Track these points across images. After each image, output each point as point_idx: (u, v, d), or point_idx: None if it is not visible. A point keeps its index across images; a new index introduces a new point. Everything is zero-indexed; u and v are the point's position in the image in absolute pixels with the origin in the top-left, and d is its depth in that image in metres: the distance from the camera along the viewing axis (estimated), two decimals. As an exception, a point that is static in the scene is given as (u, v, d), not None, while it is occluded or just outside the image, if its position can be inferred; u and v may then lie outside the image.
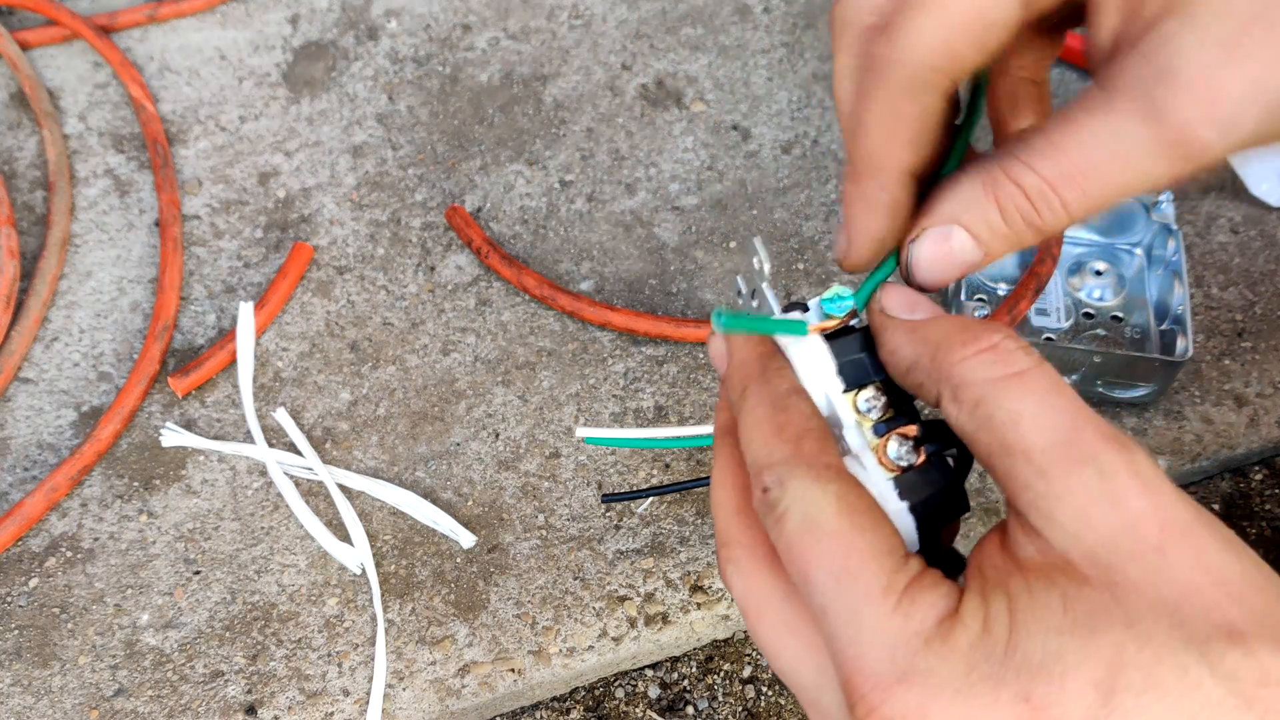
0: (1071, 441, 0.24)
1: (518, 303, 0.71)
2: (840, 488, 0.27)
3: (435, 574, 0.61)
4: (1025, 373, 0.26)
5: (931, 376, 0.27)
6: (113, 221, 0.75)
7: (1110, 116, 0.26)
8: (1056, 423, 0.25)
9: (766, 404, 0.29)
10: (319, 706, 0.57)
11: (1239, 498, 0.66)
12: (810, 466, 0.27)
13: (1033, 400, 0.25)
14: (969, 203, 0.28)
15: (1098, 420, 0.25)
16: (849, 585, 0.26)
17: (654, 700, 0.60)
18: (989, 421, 0.26)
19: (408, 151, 0.78)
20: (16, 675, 0.58)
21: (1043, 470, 0.24)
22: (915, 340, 0.28)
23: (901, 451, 0.29)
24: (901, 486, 0.28)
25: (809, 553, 0.26)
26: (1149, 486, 0.24)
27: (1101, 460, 0.24)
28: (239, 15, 0.85)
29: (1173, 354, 0.62)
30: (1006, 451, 0.25)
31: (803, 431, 0.28)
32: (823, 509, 0.26)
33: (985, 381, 0.26)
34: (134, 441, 0.66)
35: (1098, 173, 0.26)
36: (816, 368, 0.30)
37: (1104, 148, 0.26)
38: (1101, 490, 0.24)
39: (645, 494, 0.61)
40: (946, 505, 0.29)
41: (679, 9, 0.84)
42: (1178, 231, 0.65)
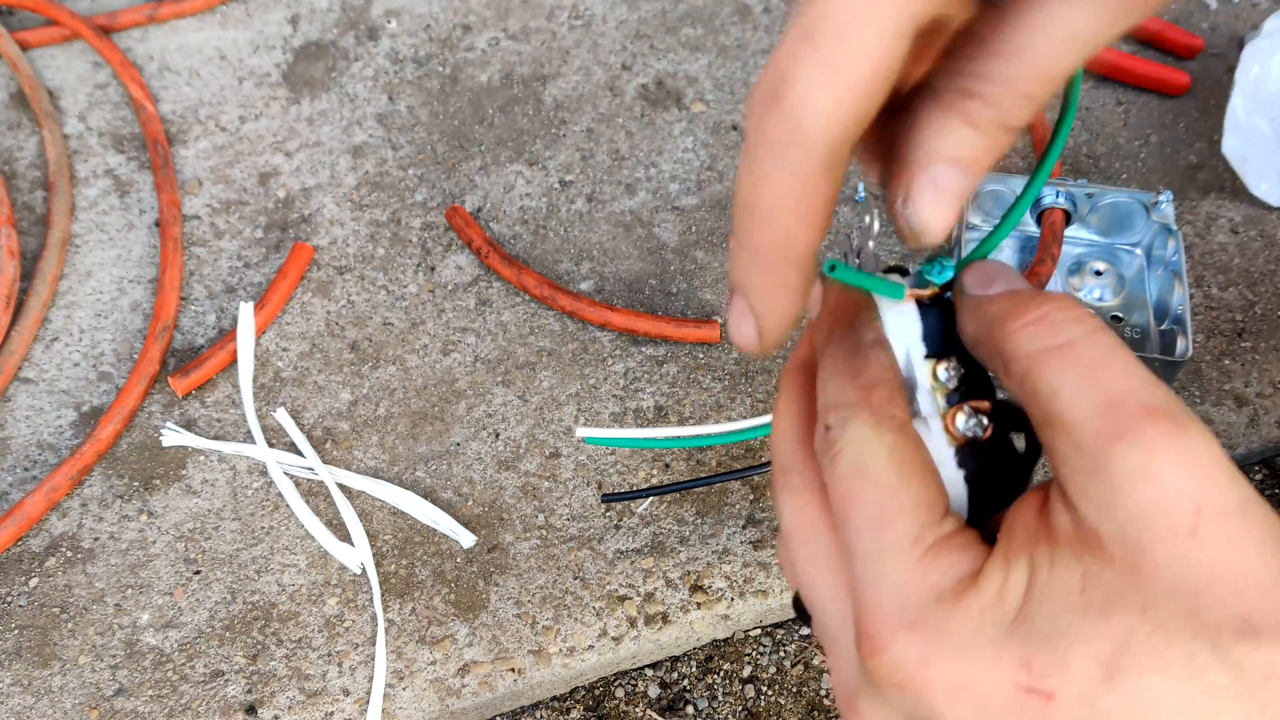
0: (1111, 415, 0.24)
1: (518, 303, 0.71)
2: (898, 439, 0.27)
3: (435, 574, 0.61)
4: (1071, 344, 0.25)
5: (989, 351, 0.27)
6: (113, 221, 0.75)
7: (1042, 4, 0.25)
8: (1097, 395, 0.24)
9: (848, 350, 0.29)
10: (319, 706, 0.57)
11: (1239, 498, 0.66)
12: (874, 413, 0.27)
13: (1075, 372, 0.25)
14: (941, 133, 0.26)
15: (1148, 391, 0.24)
16: (881, 530, 0.26)
17: (654, 700, 0.60)
18: (1034, 395, 0.25)
19: (408, 151, 0.78)
20: (16, 675, 0.58)
21: (1079, 444, 0.24)
22: (977, 317, 0.28)
23: (969, 425, 0.29)
24: (962, 456, 0.28)
25: (852, 494, 0.27)
26: (1192, 466, 0.23)
27: (1141, 435, 0.23)
28: (239, 15, 0.85)
29: (1173, 354, 0.62)
30: (1049, 424, 0.25)
31: (876, 380, 0.28)
32: (876, 455, 0.27)
33: (1030, 354, 0.26)
34: (134, 441, 0.66)
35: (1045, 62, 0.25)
36: (904, 331, 0.30)
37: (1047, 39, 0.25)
38: (1138, 466, 0.23)
39: (645, 494, 0.61)
40: (1004, 485, 0.29)
41: (679, 9, 0.84)
42: (1177, 232, 0.65)
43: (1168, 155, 0.76)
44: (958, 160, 0.27)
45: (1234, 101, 0.72)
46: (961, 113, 0.26)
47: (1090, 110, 0.79)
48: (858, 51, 0.24)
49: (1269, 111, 0.71)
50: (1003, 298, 0.28)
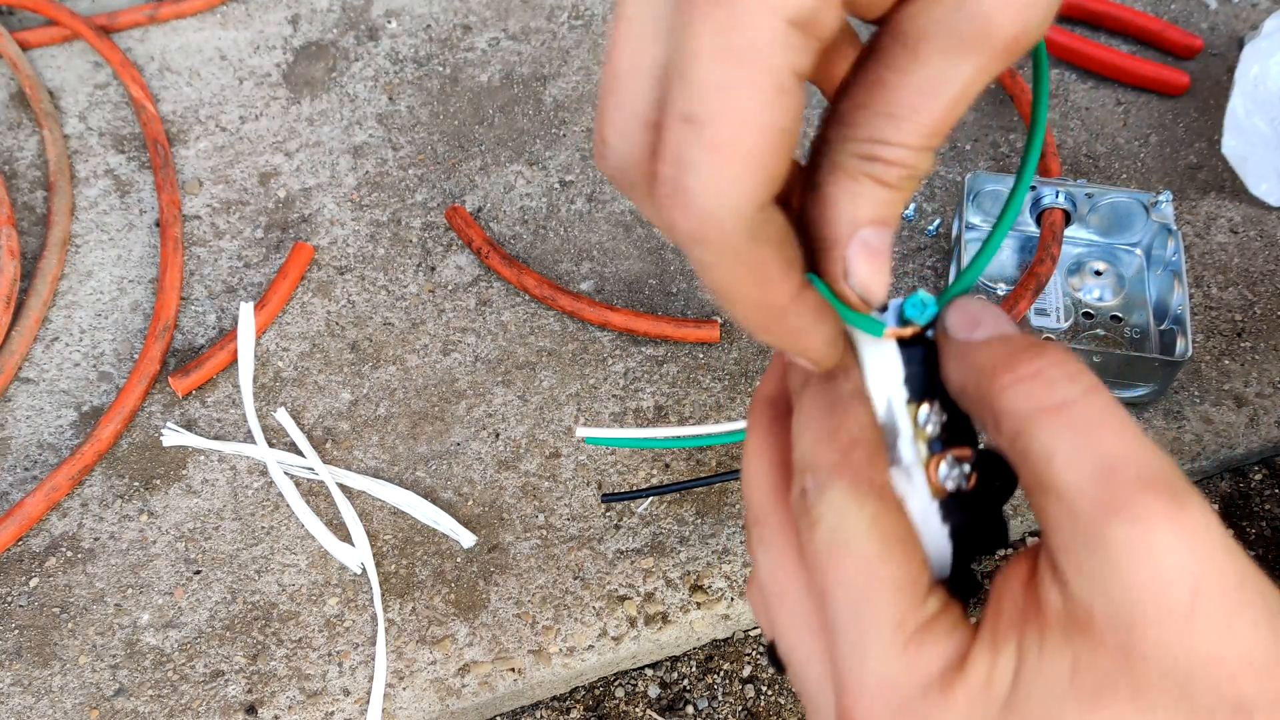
0: (1107, 485, 0.23)
1: (518, 303, 0.71)
2: (878, 509, 0.26)
3: (435, 573, 0.61)
4: (1067, 404, 0.24)
5: (977, 404, 0.26)
6: (113, 221, 0.75)
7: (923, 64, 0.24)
8: (1094, 462, 0.23)
9: (825, 402, 0.28)
10: (319, 706, 0.57)
11: (1239, 498, 0.66)
12: (853, 481, 0.26)
13: (1070, 436, 0.24)
14: (853, 199, 0.26)
15: (1148, 461, 0.23)
16: (864, 612, 0.25)
17: (654, 700, 0.60)
18: (1025, 456, 0.24)
19: (408, 152, 0.78)
20: (17, 675, 0.58)
21: (1074, 514, 0.23)
22: (964, 365, 0.27)
23: (952, 474, 0.28)
24: (945, 509, 0.27)
25: (832, 569, 0.26)
26: (1192, 543, 0.22)
27: (1139, 509, 0.22)
28: (239, 15, 0.85)
29: (1172, 354, 0.62)
30: (1041, 489, 0.24)
31: (855, 441, 0.27)
32: (855, 528, 0.25)
33: (1023, 413, 0.24)
34: (134, 441, 0.66)
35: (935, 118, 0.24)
36: (884, 372, 0.28)
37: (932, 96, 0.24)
38: (1135, 543, 0.22)
39: (645, 494, 0.61)
40: (987, 536, 0.28)
41: (679, 9, 0.84)
42: (1177, 232, 0.65)
43: (1167, 155, 0.76)
44: (878, 219, 0.26)
45: (1234, 101, 0.72)
46: (870, 175, 0.25)
47: (1090, 110, 0.79)
48: (743, 122, 0.22)
49: (1269, 111, 0.71)
50: (992, 346, 0.26)
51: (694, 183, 0.23)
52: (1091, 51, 0.79)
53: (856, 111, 0.25)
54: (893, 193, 0.26)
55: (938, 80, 0.24)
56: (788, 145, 0.23)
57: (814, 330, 0.27)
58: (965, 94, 0.24)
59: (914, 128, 0.25)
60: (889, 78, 0.24)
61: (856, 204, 0.26)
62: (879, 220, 0.26)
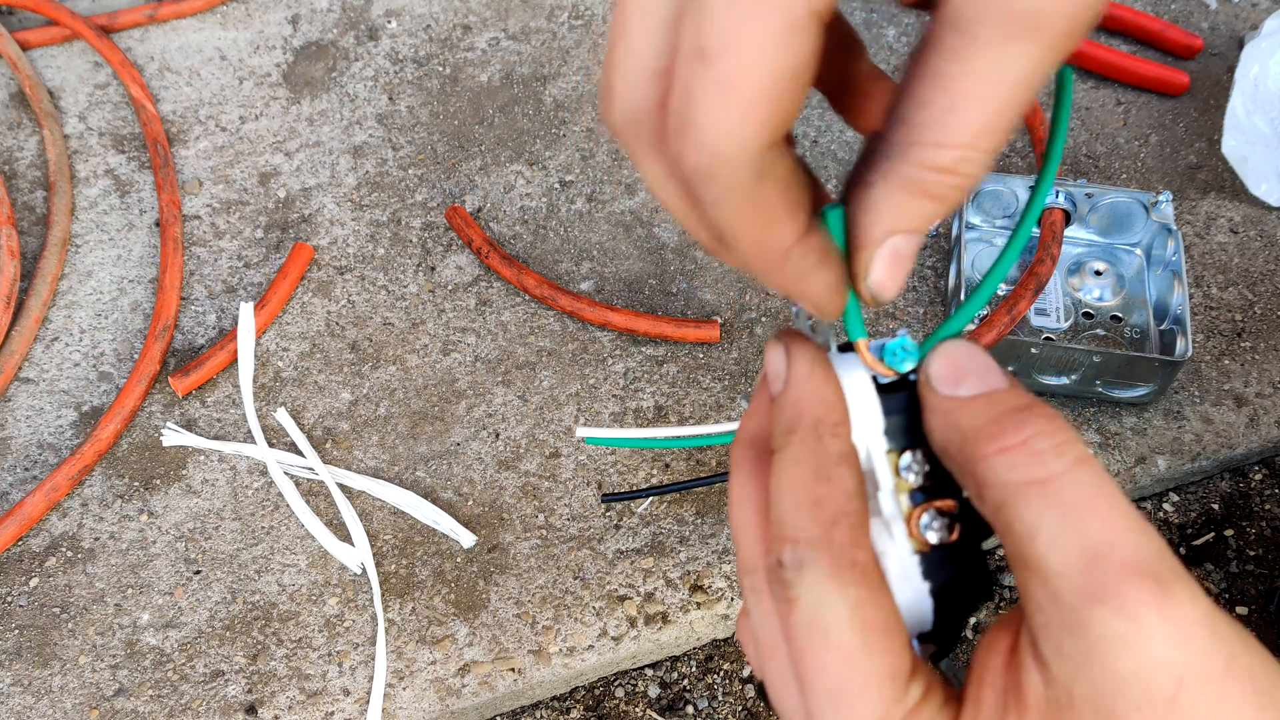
0: (1092, 570, 0.22)
1: (518, 303, 0.71)
2: (860, 594, 0.25)
3: (435, 573, 0.61)
4: (1051, 479, 0.23)
5: (960, 468, 0.25)
6: (113, 221, 0.75)
7: (982, 52, 0.23)
8: (1079, 544, 0.22)
9: (810, 467, 0.26)
10: (319, 706, 0.57)
11: (1239, 497, 0.66)
12: (835, 560, 0.25)
13: (1055, 514, 0.23)
14: (899, 209, 0.25)
15: (1134, 545, 0.22)
16: (845, 708, 0.24)
17: (654, 700, 0.60)
18: (1008, 530, 0.24)
19: (408, 152, 0.78)
20: (17, 675, 0.58)
21: (1056, 597, 0.22)
22: (948, 424, 0.26)
23: (935, 526, 0.27)
24: (927, 565, 0.27)
25: (811, 659, 0.25)
26: (1179, 629, 0.22)
27: (1125, 597, 0.22)
28: (239, 15, 0.85)
29: (1172, 354, 0.62)
30: (1024, 565, 0.23)
31: (839, 514, 0.26)
32: (836, 616, 0.25)
33: (1007, 485, 0.24)
34: (134, 441, 0.66)
35: (1000, 109, 0.23)
36: (864, 420, 0.28)
37: (994, 85, 0.23)
38: (1119, 632, 0.22)
39: (645, 494, 0.61)
40: (970, 592, 0.27)
41: (679, 9, 0.84)
42: (1177, 232, 0.65)
43: (1167, 155, 0.76)
44: (913, 229, 0.26)
45: (1234, 101, 0.72)
46: (918, 186, 0.25)
47: (1090, 110, 0.79)
48: (752, 58, 0.22)
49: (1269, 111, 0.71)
50: (976, 407, 0.25)
51: (702, 117, 0.23)
52: (1092, 51, 0.79)
53: (914, 109, 0.24)
54: (937, 205, 0.25)
55: (998, 66, 0.23)
56: (799, 87, 0.23)
57: (815, 275, 0.26)
58: (1027, 81, 0.23)
59: (973, 120, 0.24)
60: (946, 68, 0.23)
61: (898, 213, 0.25)
62: (915, 230, 0.26)
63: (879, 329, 0.69)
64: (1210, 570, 0.63)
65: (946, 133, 0.24)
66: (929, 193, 0.25)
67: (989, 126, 0.24)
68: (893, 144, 0.25)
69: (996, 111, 0.24)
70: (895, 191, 0.25)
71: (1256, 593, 0.62)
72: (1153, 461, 0.64)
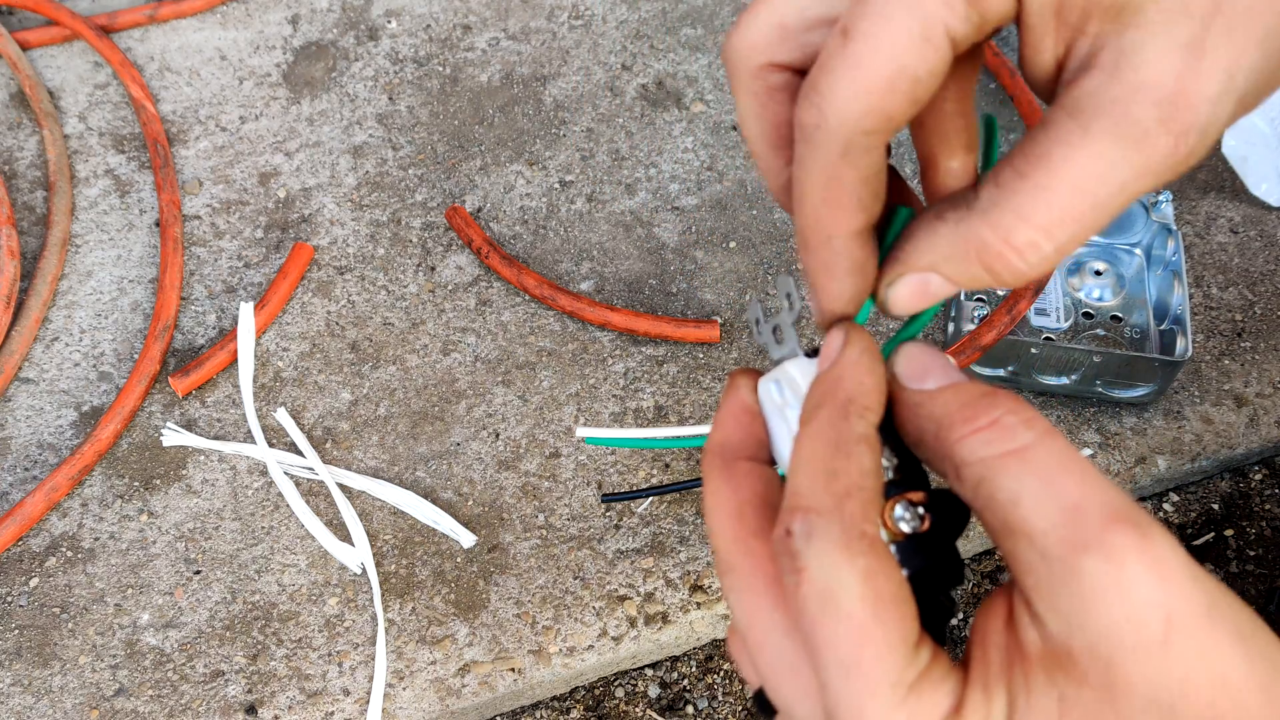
0: (1075, 524, 0.23)
1: (518, 303, 0.71)
2: (869, 564, 0.25)
3: (435, 573, 0.61)
4: (1027, 448, 0.25)
5: (935, 454, 0.27)
6: (113, 221, 0.75)
7: (1091, 143, 0.24)
8: (1059, 502, 0.24)
9: (832, 440, 0.27)
10: (319, 706, 0.57)
11: (1239, 497, 0.66)
12: (844, 531, 0.26)
13: (1034, 479, 0.24)
14: (950, 257, 0.27)
15: (1109, 496, 0.24)
16: (857, 675, 0.25)
17: (654, 700, 0.60)
18: (990, 502, 0.25)
19: (408, 152, 0.78)
20: (17, 675, 0.58)
21: (1045, 554, 0.24)
22: (920, 415, 0.27)
23: (906, 516, 0.28)
24: (903, 554, 0.28)
25: (823, 630, 0.25)
26: (1162, 572, 0.23)
27: (1109, 544, 0.23)
28: (239, 15, 0.85)
29: (1172, 354, 0.62)
30: (1009, 532, 0.24)
31: (853, 488, 0.26)
32: (846, 587, 0.25)
33: (985, 460, 0.25)
34: (134, 441, 0.66)
35: (1089, 206, 0.25)
36: None
37: (1092, 178, 0.25)
38: (1107, 578, 0.23)
39: (645, 494, 0.61)
40: (945, 575, 0.29)
41: (679, 9, 0.84)
42: (1177, 232, 0.65)
43: (1167, 155, 0.76)
44: (953, 280, 0.28)
45: (1234, 101, 0.72)
46: (980, 250, 0.26)
47: (1090, 110, 0.79)
48: (884, 50, 0.25)
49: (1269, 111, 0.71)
50: (946, 396, 0.27)
51: (823, 82, 0.26)
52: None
53: (1010, 177, 0.26)
54: (983, 276, 0.27)
55: (1099, 161, 0.25)
56: (913, 93, 0.25)
57: (845, 275, 0.28)
58: (1121, 186, 0.25)
59: (1060, 205, 0.25)
60: (1052, 150, 0.25)
61: (948, 260, 0.27)
62: (953, 280, 0.28)
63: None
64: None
65: (1031, 208, 0.25)
66: (984, 261, 0.26)
67: (1072, 217, 0.25)
68: (980, 198, 0.26)
69: (1085, 205, 0.25)
70: (958, 242, 0.27)
71: (1257, 593, 0.62)
72: (1153, 461, 0.64)
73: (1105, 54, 0.25)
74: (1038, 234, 0.25)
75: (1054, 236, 0.25)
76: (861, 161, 0.26)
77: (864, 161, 0.26)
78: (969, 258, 0.27)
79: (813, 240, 0.28)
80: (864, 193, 0.27)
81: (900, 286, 0.28)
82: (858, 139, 0.26)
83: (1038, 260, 0.26)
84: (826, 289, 0.29)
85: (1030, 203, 0.25)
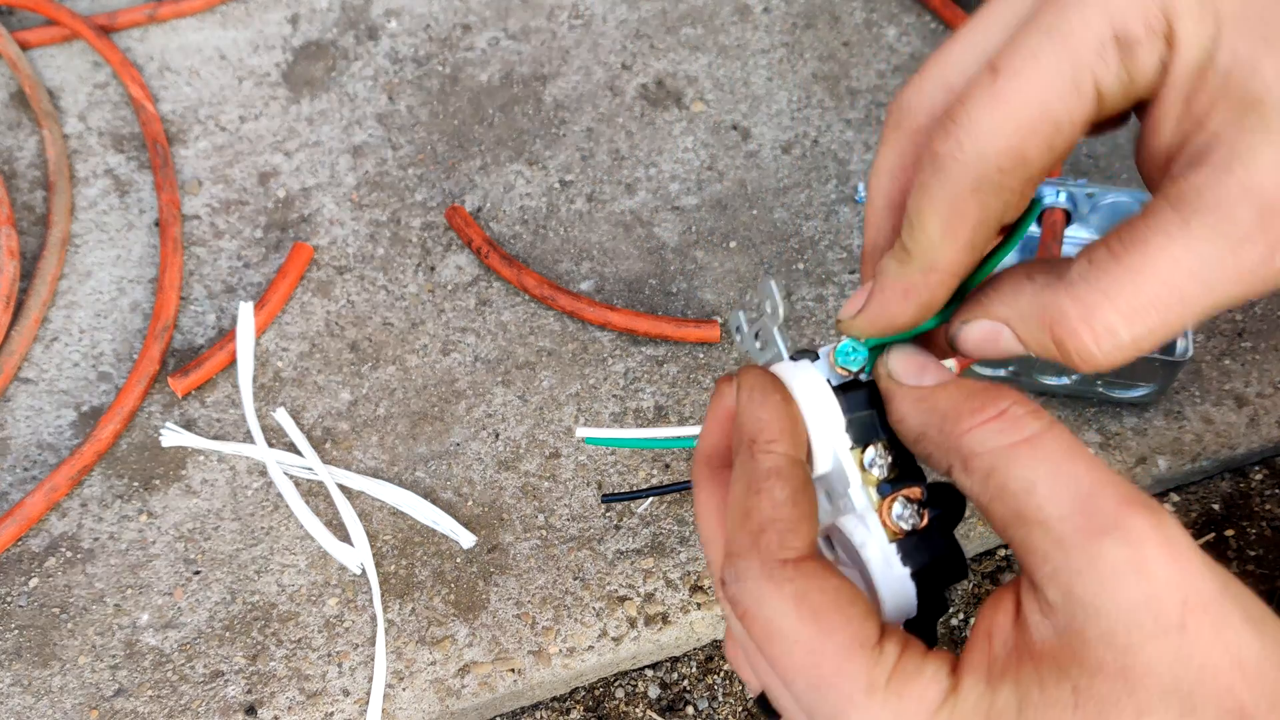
0: (1091, 509, 0.23)
1: (518, 303, 0.71)
2: (798, 586, 0.25)
3: (435, 574, 0.61)
4: (1036, 437, 0.25)
5: (941, 447, 0.27)
6: (113, 221, 0.75)
7: (1188, 236, 0.24)
8: (1073, 489, 0.24)
9: (745, 483, 0.28)
10: (319, 706, 0.57)
11: (1239, 498, 0.66)
12: (764, 564, 0.26)
13: (1047, 467, 0.24)
14: (1026, 318, 0.27)
15: (1118, 482, 0.24)
16: (828, 693, 0.25)
17: (654, 700, 0.60)
18: (1002, 492, 0.25)
19: (408, 151, 0.78)
20: (16, 675, 0.58)
21: (1061, 540, 0.23)
22: (923, 409, 0.27)
23: (905, 514, 0.28)
24: (904, 551, 0.28)
25: (780, 661, 0.26)
26: (1176, 555, 0.23)
27: (1126, 527, 0.23)
28: (239, 15, 0.85)
29: (1173, 354, 0.62)
30: (1022, 521, 0.24)
31: (766, 522, 0.27)
32: (782, 614, 0.25)
33: (995, 450, 0.25)
34: (134, 441, 0.66)
35: (1176, 299, 0.24)
36: (825, 422, 0.29)
37: (1183, 272, 0.24)
38: (1126, 560, 0.23)
39: (645, 494, 0.61)
40: (948, 570, 0.29)
41: (679, 9, 0.84)
42: (1178, 231, 0.65)
43: (1168, 155, 0.76)
44: (1023, 343, 0.27)
45: (1234, 101, 0.72)
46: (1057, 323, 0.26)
47: (1090, 110, 0.79)
48: (1032, 90, 0.24)
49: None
50: (950, 390, 0.27)
51: (964, 114, 0.25)
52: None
53: (1105, 256, 0.25)
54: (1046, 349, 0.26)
55: (1194, 254, 0.24)
56: (1053, 139, 0.25)
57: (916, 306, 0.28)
58: (1208, 285, 0.24)
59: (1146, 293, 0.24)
60: (1149, 237, 0.25)
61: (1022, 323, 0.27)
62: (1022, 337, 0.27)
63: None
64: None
65: (1118, 290, 0.25)
66: (1057, 333, 0.26)
67: (1156, 307, 0.25)
68: (1071, 271, 0.26)
69: (1172, 298, 0.24)
70: (1038, 305, 0.26)
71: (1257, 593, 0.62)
72: (1153, 462, 0.64)
73: (1220, 152, 0.24)
74: (1118, 318, 0.25)
75: (1133, 325, 0.25)
76: (989, 201, 0.26)
77: (991, 201, 0.26)
78: (1044, 324, 0.26)
79: (916, 263, 0.28)
80: (980, 234, 0.27)
81: (973, 329, 0.28)
82: (991, 175, 0.25)
83: (1111, 348, 0.25)
84: (891, 308, 0.29)
85: (1118, 285, 0.25)
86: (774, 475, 0.27)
